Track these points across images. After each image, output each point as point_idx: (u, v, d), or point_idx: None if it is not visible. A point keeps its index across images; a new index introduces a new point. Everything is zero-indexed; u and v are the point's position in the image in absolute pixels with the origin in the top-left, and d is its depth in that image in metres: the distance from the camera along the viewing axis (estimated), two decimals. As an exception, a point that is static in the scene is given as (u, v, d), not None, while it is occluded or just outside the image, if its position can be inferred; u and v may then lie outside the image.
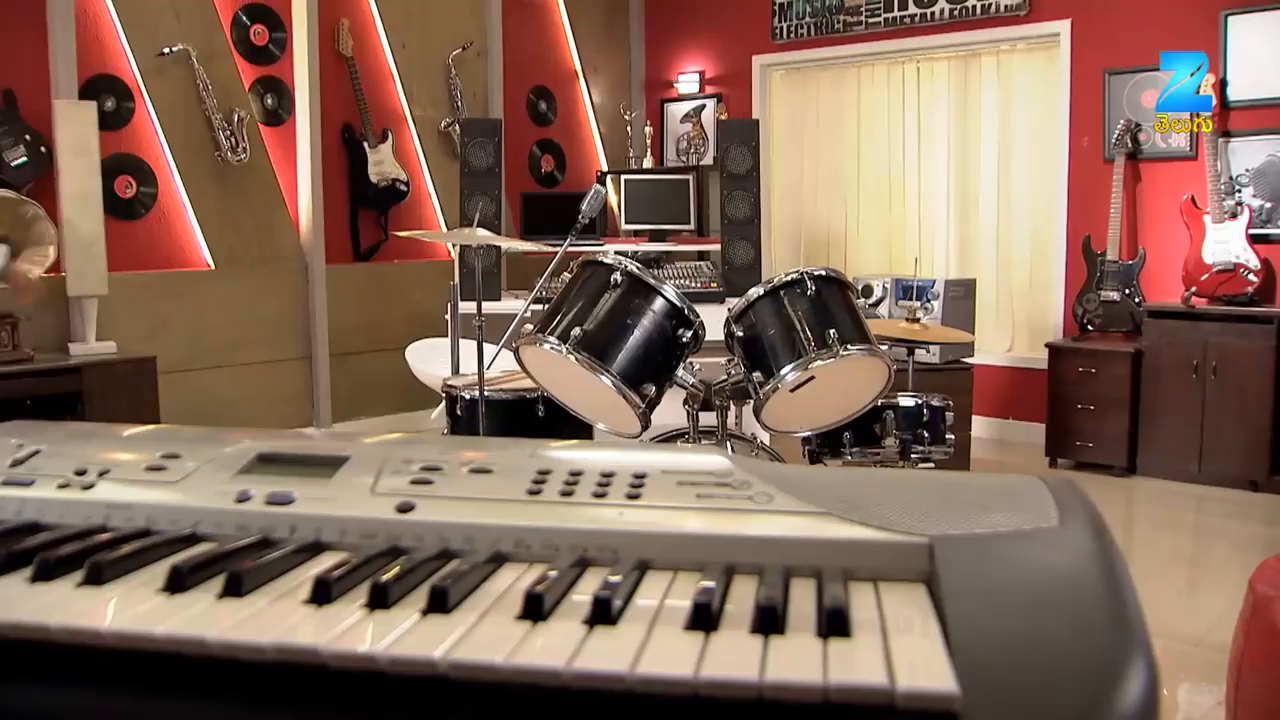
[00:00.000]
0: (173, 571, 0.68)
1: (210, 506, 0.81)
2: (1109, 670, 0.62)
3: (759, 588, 0.67)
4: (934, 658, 0.59)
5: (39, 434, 0.96)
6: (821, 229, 6.62)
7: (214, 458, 0.87)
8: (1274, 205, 4.81)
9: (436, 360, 4.36)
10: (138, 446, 0.91)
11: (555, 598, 0.66)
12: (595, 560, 0.73)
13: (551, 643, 0.60)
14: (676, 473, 0.81)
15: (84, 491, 0.84)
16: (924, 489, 0.82)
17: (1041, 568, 0.71)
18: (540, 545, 0.75)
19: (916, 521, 0.75)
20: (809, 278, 2.76)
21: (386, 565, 0.72)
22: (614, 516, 0.76)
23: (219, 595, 0.67)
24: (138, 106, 4.95)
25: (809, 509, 0.76)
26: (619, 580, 0.67)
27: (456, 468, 0.83)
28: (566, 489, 0.79)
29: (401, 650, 0.58)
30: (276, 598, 0.67)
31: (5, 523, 0.81)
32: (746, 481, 0.80)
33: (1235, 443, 4.68)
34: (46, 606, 0.65)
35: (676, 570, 0.73)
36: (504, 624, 0.62)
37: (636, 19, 7.13)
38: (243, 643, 0.60)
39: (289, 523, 0.78)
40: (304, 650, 0.59)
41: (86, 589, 0.68)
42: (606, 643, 0.60)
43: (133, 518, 0.81)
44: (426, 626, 0.62)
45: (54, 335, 4.65)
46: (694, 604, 0.63)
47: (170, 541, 0.77)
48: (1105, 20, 5.23)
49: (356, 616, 0.63)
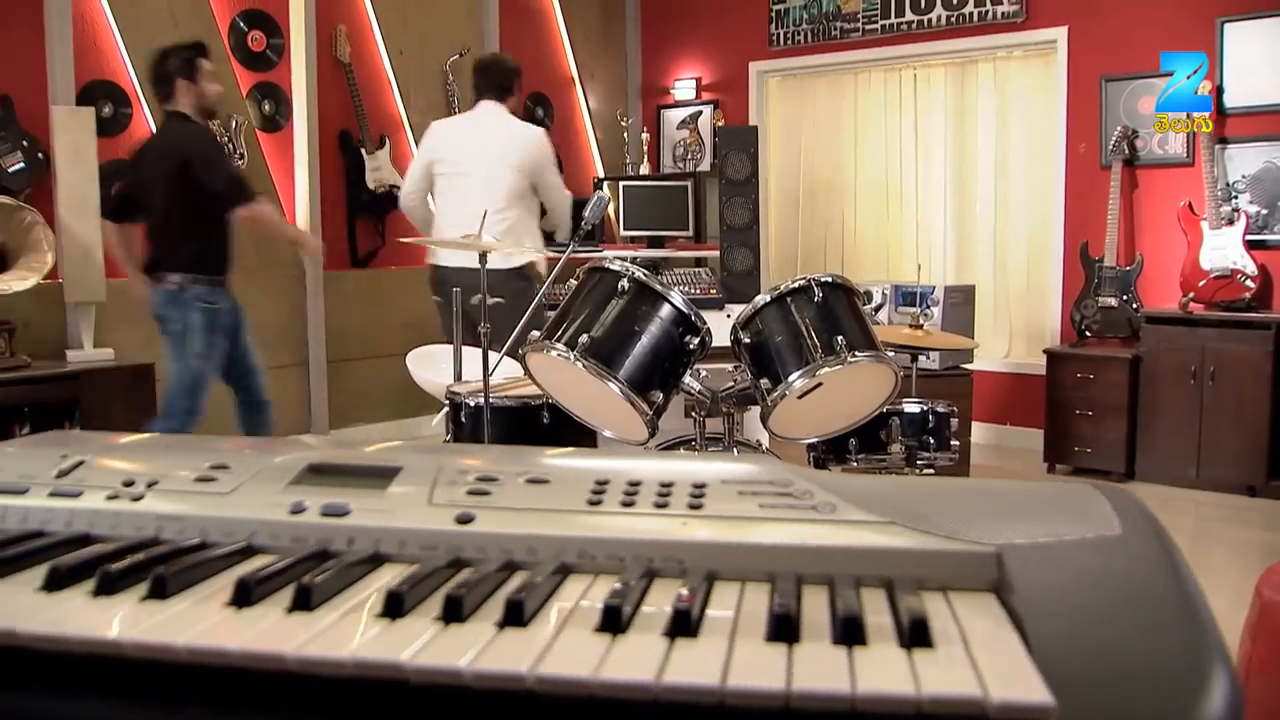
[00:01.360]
0: (239, 585, 0.67)
1: (265, 518, 0.80)
2: (1192, 680, 0.62)
3: (835, 598, 0.67)
4: (1022, 669, 0.59)
5: (81, 444, 0.95)
6: (818, 235, 6.63)
7: (264, 468, 0.86)
8: (1270, 211, 4.84)
9: (437, 367, 4.34)
10: (185, 457, 0.90)
11: (632, 610, 0.65)
12: (662, 571, 0.73)
13: (636, 655, 0.59)
14: (736, 482, 0.81)
15: (134, 503, 0.83)
16: (983, 498, 0.81)
17: (1113, 577, 0.71)
18: (605, 556, 0.74)
19: (981, 530, 0.75)
20: (816, 284, 2.75)
21: (451, 577, 0.72)
22: (678, 527, 0.75)
23: (288, 609, 0.66)
24: (135, 112, 4.93)
25: (874, 518, 0.76)
26: (693, 591, 0.67)
27: (512, 478, 0.82)
28: (627, 499, 0.79)
29: (486, 665, 0.57)
30: (347, 611, 0.66)
31: (56, 535, 0.80)
32: (808, 491, 0.79)
33: (1233, 448, 4.70)
34: (114, 621, 0.64)
35: (744, 581, 0.72)
36: (584, 637, 0.62)
37: (633, 25, 7.14)
38: (322, 658, 0.59)
39: (346, 534, 0.77)
40: (386, 665, 0.58)
41: (151, 603, 0.67)
42: (691, 655, 0.59)
43: (185, 530, 0.80)
44: (506, 640, 0.61)
45: (51, 342, 4.62)
46: (774, 615, 0.62)
47: (229, 554, 0.76)
48: (1102, 27, 5.26)
49: (432, 630, 0.63)
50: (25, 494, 0.85)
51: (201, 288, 3.94)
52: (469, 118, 4.61)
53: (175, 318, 3.96)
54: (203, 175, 3.86)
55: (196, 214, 3.89)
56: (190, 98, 3.98)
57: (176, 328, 3.96)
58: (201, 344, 3.98)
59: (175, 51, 4.04)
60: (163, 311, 4.00)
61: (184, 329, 3.96)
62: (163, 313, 4.00)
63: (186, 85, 3.97)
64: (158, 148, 4.03)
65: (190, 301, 3.93)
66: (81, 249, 4.51)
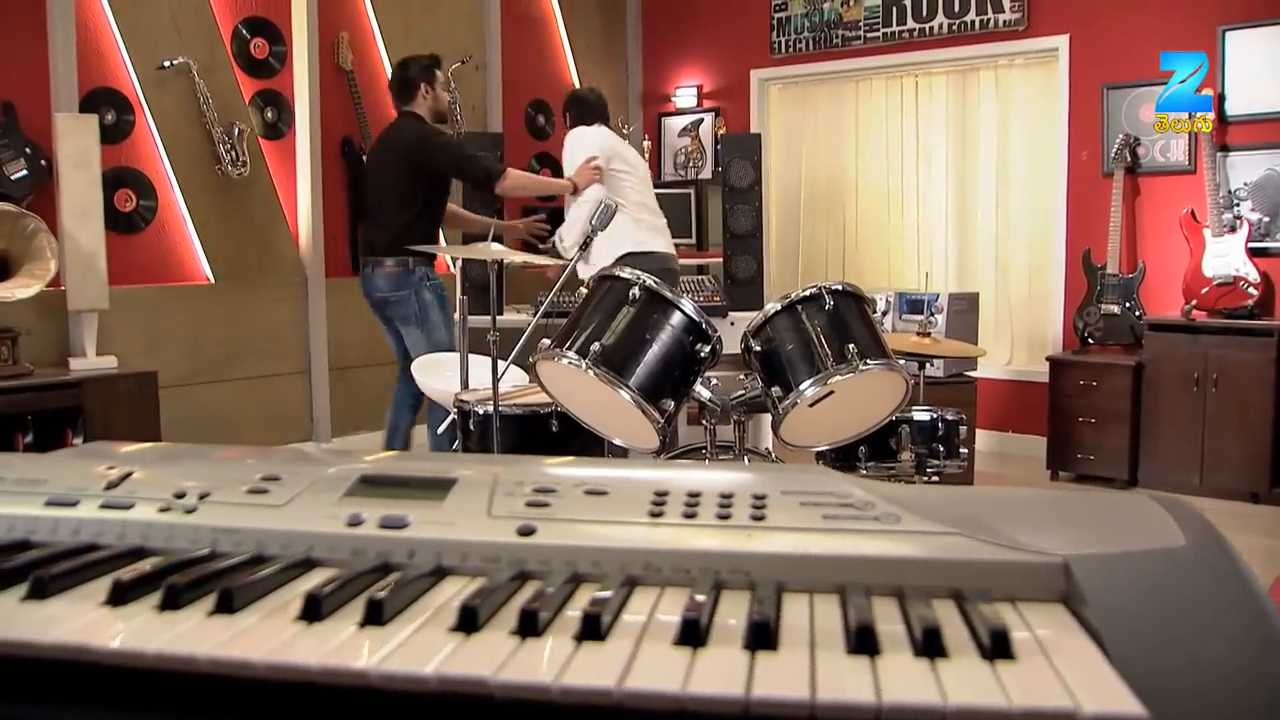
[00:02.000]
0: (309, 599, 0.66)
1: (322, 531, 0.79)
2: (1271, 687, 0.62)
3: (909, 610, 0.66)
4: (1108, 680, 0.58)
5: (125, 455, 0.94)
6: (819, 243, 6.64)
7: (316, 480, 0.86)
8: (1272, 219, 4.85)
9: (442, 374, 4.32)
10: (234, 469, 0.89)
11: (708, 622, 0.64)
12: (728, 584, 0.72)
13: (721, 669, 0.59)
14: (797, 494, 0.80)
15: (187, 515, 0.82)
16: (1045, 508, 0.81)
17: (1182, 587, 0.70)
18: (670, 569, 0.73)
19: (1045, 541, 0.74)
20: (827, 292, 2.75)
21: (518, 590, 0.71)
22: (744, 539, 0.75)
23: (360, 623, 0.65)
24: (138, 119, 4.91)
25: (939, 529, 0.76)
26: (766, 604, 0.66)
27: (570, 489, 0.82)
28: (689, 510, 0.78)
29: (573, 680, 0.57)
30: (420, 626, 0.65)
31: (111, 548, 0.79)
32: (870, 502, 0.79)
33: (1236, 455, 4.71)
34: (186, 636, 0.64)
35: (812, 593, 0.72)
36: (664, 650, 0.61)
37: (634, 33, 7.15)
38: (406, 674, 0.58)
39: (406, 547, 0.77)
40: (470, 680, 0.58)
41: (219, 618, 0.67)
42: (776, 668, 0.59)
43: (241, 543, 0.79)
44: (587, 654, 0.61)
45: (53, 350, 4.60)
46: (855, 628, 0.62)
47: (289, 567, 0.75)
48: (1103, 35, 5.28)
49: (510, 645, 0.62)
50: (76, 506, 0.84)
51: (425, 268, 4.38)
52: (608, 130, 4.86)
53: (404, 298, 4.38)
54: (447, 167, 4.43)
55: (426, 201, 4.34)
56: (427, 102, 4.49)
57: (408, 309, 4.40)
58: (437, 316, 4.43)
59: (416, 60, 4.56)
60: (388, 293, 4.42)
61: (419, 306, 4.41)
62: (388, 294, 4.42)
63: (425, 90, 4.47)
64: (392, 141, 4.47)
65: (419, 281, 4.35)
66: (84, 256, 4.49)
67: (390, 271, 4.37)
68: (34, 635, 0.63)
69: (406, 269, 4.33)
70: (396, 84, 4.55)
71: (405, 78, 4.50)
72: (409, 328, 4.47)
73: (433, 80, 4.51)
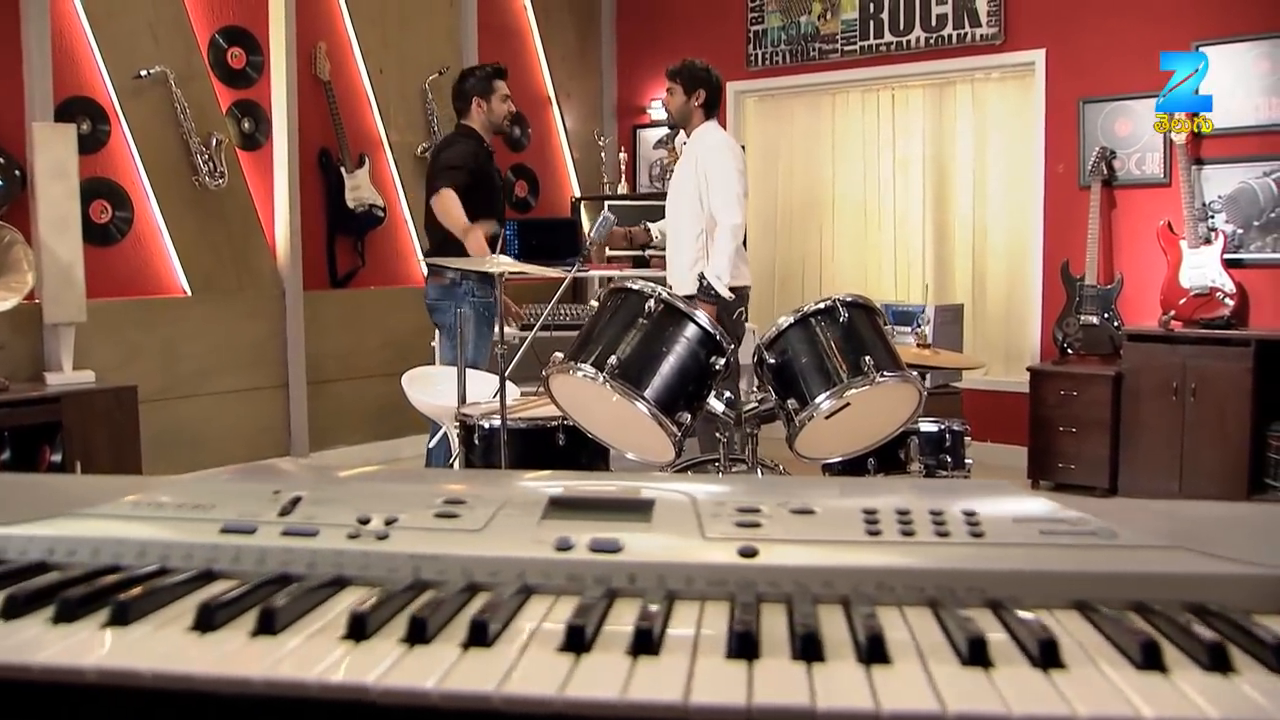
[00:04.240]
0: (571, 631, 0.64)
1: (530, 556, 0.76)
2: None
3: (1184, 625, 0.66)
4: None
5: (282, 478, 0.91)
6: (796, 256, 6.67)
7: (506, 502, 0.83)
8: (1246, 231, 4.98)
9: (435, 388, 4.27)
10: (410, 491, 0.86)
11: (983, 640, 0.63)
12: (965, 602, 0.71)
13: (1003, 687, 0.58)
14: (1008, 511, 0.80)
15: (380, 542, 0.79)
16: (1258, 518, 0.82)
17: None
18: (904, 587, 0.72)
19: (1268, 554, 0.75)
20: (840, 305, 2.77)
21: (758, 613, 0.70)
22: (973, 555, 0.74)
23: (628, 651, 0.63)
24: (114, 129, 4.80)
25: (1160, 543, 0.75)
26: (1034, 625, 0.65)
27: (775, 508, 0.80)
28: (905, 528, 0.77)
29: (836, 703, 0.56)
30: (690, 654, 0.63)
31: (310, 578, 0.76)
32: (1083, 518, 0.79)
33: (1214, 463, 4.81)
34: (439, 672, 0.61)
35: (1050, 609, 0.71)
36: (951, 671, 0.60)
37: (609, 45, 7.15)
38: (719, 706, 0.57)
39: (626, 571, 0.75)
40: (729, 711, 0.56)
41: (475, 651, 0.64)
42: (1065, 685, 0.58)
43: (445, 570, 0.76)
44: (879, 678, 0.59)
45: (28, 364, 4.46)
46: (1142, 644, 0.61)
47: (513, 595, 0.72)
48: (1080, 50, 5.39)
49: (796, 670, 0.61)
50: (254, 533, 0.81)
51: (472, 283, 4.32)
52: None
53: (446, 308, 4.34)
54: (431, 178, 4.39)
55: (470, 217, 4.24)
56: (482, 115, 4.44)
57: (448, 318, 4.34)
58: (470, 332, 4.28)
59: (475, 72, 4.54)
60: (434, 301, 4.46)
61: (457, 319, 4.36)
62: (434, 303, 4.46)
63: (479, 103, 4.43)
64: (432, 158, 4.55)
65: (462, 295, 4.31)
66: (62, 268, 4.37)
67: (439, 282, 4.40)
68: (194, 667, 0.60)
69: (454, 282, 4.34)
70: (454, 97, 4.56)
71: (460, 90, 4.50)
72: (445, 338, 4.52)
73: (488, 93, 4.44)
